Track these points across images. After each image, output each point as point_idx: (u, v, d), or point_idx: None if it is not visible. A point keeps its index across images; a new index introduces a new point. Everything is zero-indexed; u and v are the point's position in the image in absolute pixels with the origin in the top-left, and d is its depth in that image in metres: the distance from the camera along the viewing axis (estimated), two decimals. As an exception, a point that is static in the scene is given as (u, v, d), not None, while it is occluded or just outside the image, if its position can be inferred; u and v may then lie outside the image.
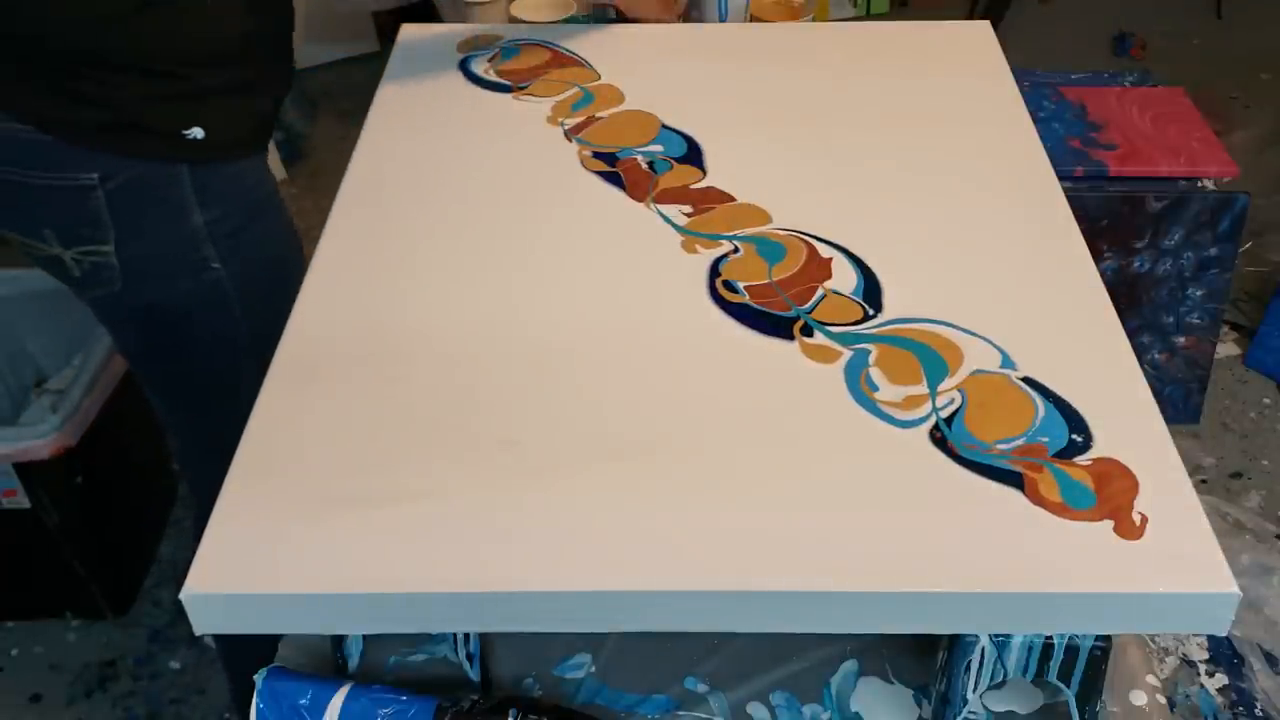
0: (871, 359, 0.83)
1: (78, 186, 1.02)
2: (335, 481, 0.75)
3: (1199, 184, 1.84)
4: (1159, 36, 3.21)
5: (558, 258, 0.95)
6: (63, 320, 1.77)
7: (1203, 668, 1.61)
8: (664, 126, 1.11)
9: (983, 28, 1.27)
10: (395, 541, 0.71)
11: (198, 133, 1.03)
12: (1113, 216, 1.83)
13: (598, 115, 1.12)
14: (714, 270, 0.92)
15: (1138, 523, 0.71)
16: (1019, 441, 0.77)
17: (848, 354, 0.84)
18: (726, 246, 0.95)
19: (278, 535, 0.72)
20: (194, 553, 0.71)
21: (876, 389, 0.81)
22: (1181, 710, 1.56)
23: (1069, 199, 0.99)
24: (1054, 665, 0.74)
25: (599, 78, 1.19)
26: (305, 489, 0.75)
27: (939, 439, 0.77)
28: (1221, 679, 1.60)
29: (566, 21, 1.40)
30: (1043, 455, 0.75)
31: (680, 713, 0.85)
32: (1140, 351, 1.95)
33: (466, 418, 0.80)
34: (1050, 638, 0.72)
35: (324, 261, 0.95)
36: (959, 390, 0.81)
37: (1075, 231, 0.96)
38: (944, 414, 0.79)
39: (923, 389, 0.81)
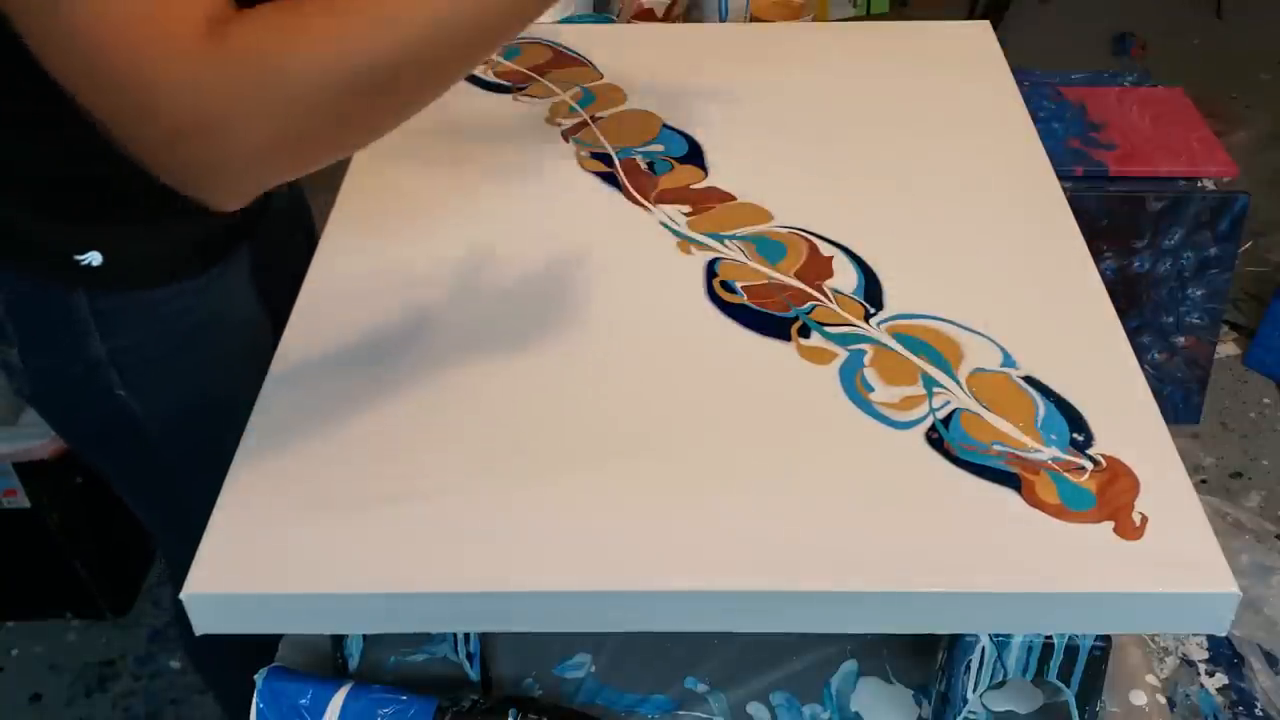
0: (867, 360, 0.83)
1: None
2: (335, 481, 0.75)
3: (1199, 184, 1.84)
4: (1159, 36, 3.21)
5: (556, 258, 0.95)
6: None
7: (1203, 668, 1.61)
8: (665, 126, 1.11)
9: (983, 28, 1.27)
10: (395, 541, 0.71)
11: (94, 258, 0.90)
12: (1113, 216, 1.83)
13: (598, 115, 1.12)
14: (710, 271, 0.92)
15: (1138, 523, 0.71)
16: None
17: (843, 355, 0.84)
18: (724, 247, 0.95)
19: (278, 535, 0.72)
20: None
21: (872, 390, 0.81)
22: (1181, 710, 1.56)
23: (1069, 199, 0.99)
24: (1054, 665, 0.74)
25: (600, 78, 1.19)
26: (305, 489, 0.75)
27: (935, 439, 0.77)
28: (1221, 679, 1.59)
29: (566, 21, 1.40)
30: (1042, 455, 0.75)
31: (680, 713, 0.85)
32: (1140, 351, 1.95)
33: (466, 418, 0.80)
34: (1050, 638, 0.72)
35: (323, 262, 0.95)
36: (958, 389, 0.81)
37: (1075, 231, 0.95)
38: (941, 415, 0.79)
39: (920, 389, 0.81)
